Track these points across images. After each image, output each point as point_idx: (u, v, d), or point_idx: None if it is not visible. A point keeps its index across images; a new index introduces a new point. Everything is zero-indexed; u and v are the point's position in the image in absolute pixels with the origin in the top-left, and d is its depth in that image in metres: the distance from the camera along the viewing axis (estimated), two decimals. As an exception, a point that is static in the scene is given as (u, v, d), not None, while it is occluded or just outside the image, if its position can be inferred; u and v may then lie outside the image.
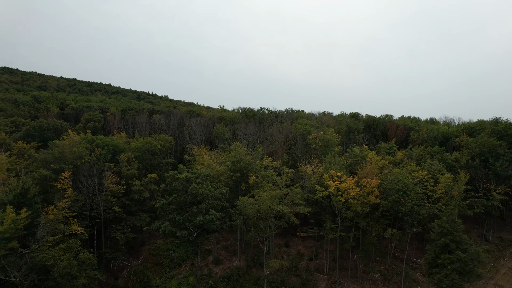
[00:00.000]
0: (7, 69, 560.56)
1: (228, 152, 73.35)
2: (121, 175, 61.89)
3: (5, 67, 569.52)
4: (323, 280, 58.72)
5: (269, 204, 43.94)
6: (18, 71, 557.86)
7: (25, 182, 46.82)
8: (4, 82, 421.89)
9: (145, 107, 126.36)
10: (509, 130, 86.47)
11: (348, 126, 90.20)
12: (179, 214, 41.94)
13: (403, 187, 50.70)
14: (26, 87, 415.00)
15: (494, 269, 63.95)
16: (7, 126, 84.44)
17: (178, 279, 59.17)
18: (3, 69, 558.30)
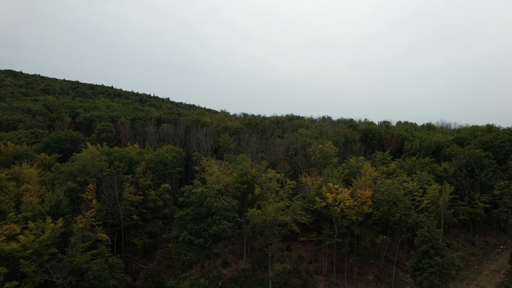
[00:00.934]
0: (11, 71, 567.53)
1: (235, 163, 79.62)
2: (138, 185, 68.03)
3: (8, 70, 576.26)
4: (322, 281, 64.89)
5: (274, 215, 50.19)
6: (21, 74, 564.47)
7: (59, 195, 53.08)
8: (9, 85, 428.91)
9: (152, 116, 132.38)
10: (495, 141, 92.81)
11: (345, 136, 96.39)
12: (196, 224, 48.14)
13: (393, 198, 56.91)
14: (30, 90, 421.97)
15: (478, 271, 70.07)
16: (27, 138, 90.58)
17: (190, 281, 65.14)
18: (6, 72, 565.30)
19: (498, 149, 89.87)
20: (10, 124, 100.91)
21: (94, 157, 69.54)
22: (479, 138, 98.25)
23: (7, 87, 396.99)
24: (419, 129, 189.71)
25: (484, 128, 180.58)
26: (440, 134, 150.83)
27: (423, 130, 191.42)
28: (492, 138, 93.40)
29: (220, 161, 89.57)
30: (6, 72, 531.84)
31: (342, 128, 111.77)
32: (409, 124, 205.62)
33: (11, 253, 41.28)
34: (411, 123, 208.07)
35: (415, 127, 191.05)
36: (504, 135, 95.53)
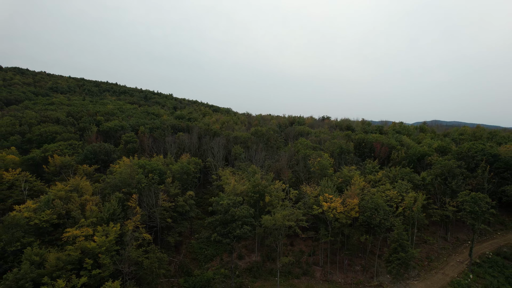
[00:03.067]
0: (18, 69, 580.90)
1: (246, 172, 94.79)
2: (169, 194, 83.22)
3: (15, 68, 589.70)
4: (319, 271, 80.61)
5: (282, 220, 65.41)
6: (28, 72, 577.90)
7: (113, 204, 68.36)
8: (18, 83, 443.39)
9: (168, 124, 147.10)
10: (469, 152, 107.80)
11: (340, 147, 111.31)
12: (223, 228, 63.35)
13: (374, 206, 72.11)
14: (39, 89, 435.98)
15: (446, 262, 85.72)
16: (67, 149, 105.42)
17: (212, 271, 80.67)
18: (14, 69, 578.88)
19: (471, 159, 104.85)
20: (48, 136, 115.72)
21: (132, 170, 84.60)
22: (455, 149, 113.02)
23: (16, 86, 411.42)
24: (412, 132, 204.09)
25: (470, 131, 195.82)
26: (429, 138, 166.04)
27: (416, 132, 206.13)
28: (467, 150, 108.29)
29: (232, 168, 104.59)
30: (13, 70, 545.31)
31: (338, 138, 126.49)
32: (403, 126, 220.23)
33: (92, 250, 56.64)
34: (404, 126, 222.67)
35: (408, 130, 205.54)
36: (478, 146, 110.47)
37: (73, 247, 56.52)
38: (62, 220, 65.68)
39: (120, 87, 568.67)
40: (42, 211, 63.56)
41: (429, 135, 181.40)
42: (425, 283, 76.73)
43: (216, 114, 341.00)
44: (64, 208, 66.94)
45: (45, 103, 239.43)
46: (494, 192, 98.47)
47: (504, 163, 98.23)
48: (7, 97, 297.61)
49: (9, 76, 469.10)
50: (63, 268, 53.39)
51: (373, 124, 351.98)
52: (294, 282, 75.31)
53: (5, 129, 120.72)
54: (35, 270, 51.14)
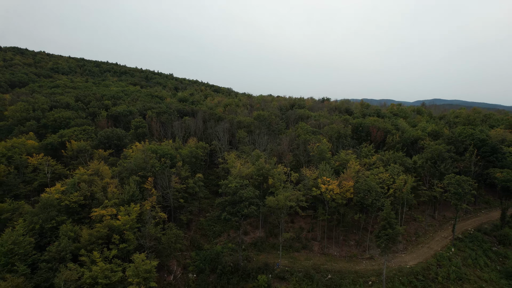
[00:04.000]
0: (17, 49, 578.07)
1: (249, 156, 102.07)
2: (180, 176, 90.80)
3: (14, 47, 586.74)
4: (316, 245, 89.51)
5: (284, 201, 73.27)
6: (27, 51, 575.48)
7: (132, 187, 76.01)
8: (19, 64, 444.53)
9: (174, 108, 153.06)
10: (459, 136, 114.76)
11: (338, 132, 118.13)
12: (232, 208, 71.29)
13: (367, 187, 79.85)
14: (40, 69, 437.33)
15: (432, 237, 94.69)
16: (81, 134, 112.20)
17: (221, 245, 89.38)
18: (13, 49, 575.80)
19: (460, 144, 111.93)
20: (62, 122, 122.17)
21: (146, 155, 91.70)
22: (447, 134, 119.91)
23: (17, 66, 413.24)
24: (409, 114, 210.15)
25: (465, 113, 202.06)
26: (424, 121, 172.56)
27: (412, 115, 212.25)
28: (457, 134, 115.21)
29: (237, 152, 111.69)
30: (13, 50, 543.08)
31: (337, 123, 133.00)
32: (400, 108, 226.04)
33: (118, 227, 64.66)
34: (402, 108, 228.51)
35: (405, 113, 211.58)
36: (468, 130, 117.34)
37: (101, 224, 64.49)
38: (87, 201, 73.41)
39: (121, 67, 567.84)
40: (70, 193, 71.17)
41: (425, 118, 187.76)
42: (412, 256, 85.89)
43: (217, 95, 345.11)
44: (89, 190, 74.54)
45: (50, 86, 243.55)
46: (480, 174, 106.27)
47: (491, 148, 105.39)
48: (10, 79, 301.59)
49: (9, 56, 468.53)
50: (94, 242, 61.57)
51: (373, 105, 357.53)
52: (294, 255, 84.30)
53: (20, 114, 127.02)
54: (72, 244, 59.30)
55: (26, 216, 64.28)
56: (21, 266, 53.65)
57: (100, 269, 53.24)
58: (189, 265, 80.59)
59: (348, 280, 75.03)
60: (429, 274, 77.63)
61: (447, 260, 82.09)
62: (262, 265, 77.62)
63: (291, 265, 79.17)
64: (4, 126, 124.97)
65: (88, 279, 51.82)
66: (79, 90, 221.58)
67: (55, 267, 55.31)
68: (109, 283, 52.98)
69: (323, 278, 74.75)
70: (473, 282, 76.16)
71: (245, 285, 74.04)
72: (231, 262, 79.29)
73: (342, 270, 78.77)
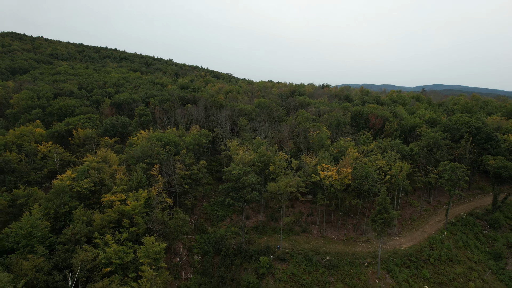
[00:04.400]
0: (15, 34, 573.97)
1: (252, 144, 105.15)
2: (184, 163, 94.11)
3: (12, 32, 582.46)
4: (316, 228, 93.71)
5: (284, 187, 76.83)
6: (26, 37, 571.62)
7: (139, 174, 79.40)
8: (17, 50, 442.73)
9: (176, 96, 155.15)
10: (455, 124, 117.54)
11: (337, 120, 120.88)
12: (235, 193, 74.93)
13: (364, 174, 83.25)
14: (40, 55, 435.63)
15: (426, 221, 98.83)
16: (87, 122, 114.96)
17: (224, 229, 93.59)
18: (11, 34, 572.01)
19: (456, 131, 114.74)
20: (67, 110, 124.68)
21: (151, 143, 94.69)
22: (444, 121, 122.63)
23: (16, 52, 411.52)
24: (408, 101, 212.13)
25: (463, 101, 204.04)
26: (423, 108, 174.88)
27: (411, 102, 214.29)
28: (454, 122, 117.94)
29: (239, 139, 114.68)
30: (10, 35, 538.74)
31: (336, 110, 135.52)
32: (400, 95, 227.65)
33: (127, 212, 68.36)
34: (401, 95, 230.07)
35: (404, 100, 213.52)
36: (465, 118, 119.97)
37: (112, 209, 68.12)
38: (97, 187, 76.93)
39: (120, 53, 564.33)
40: (81, 180, 74.60)
41: (424, 105, 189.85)
42: (406, 239, 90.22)
43: (218, 81, 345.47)
44: (98, 177, 77.96)
45: (51, 73, 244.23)
46: (474, 161, 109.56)
47: (485, 135, 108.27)
48: (11, 65, 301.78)
49: (7, 42, 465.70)
50: (106, 226, 65.35)
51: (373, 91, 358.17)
52: (294, 238, 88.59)
53: (25, 102, 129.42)
54: (86, 227, 63.08)
55: (41, 201, 67.97)
56: (40, 247, 57.54)
57: (113, 251, 57.14)
58: (194, 248, 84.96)
59: (345, 261, 79.38)
60: (422, 256, 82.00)
61: (439, 243, 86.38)
62: (264, 247, 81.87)
63: (291, 247, 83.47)
64: (11, 114, 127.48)
65: (103, 260, 55.76)
66: (80, 77, 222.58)
67: (71, 248, 59.19)
68: (122, 263, 56.98)
69: (321, 260, 79.11)
70: (463, 263, 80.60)
71: (248, 265, 78.48)
72: (234, 245, 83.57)
73: (340, 252, 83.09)
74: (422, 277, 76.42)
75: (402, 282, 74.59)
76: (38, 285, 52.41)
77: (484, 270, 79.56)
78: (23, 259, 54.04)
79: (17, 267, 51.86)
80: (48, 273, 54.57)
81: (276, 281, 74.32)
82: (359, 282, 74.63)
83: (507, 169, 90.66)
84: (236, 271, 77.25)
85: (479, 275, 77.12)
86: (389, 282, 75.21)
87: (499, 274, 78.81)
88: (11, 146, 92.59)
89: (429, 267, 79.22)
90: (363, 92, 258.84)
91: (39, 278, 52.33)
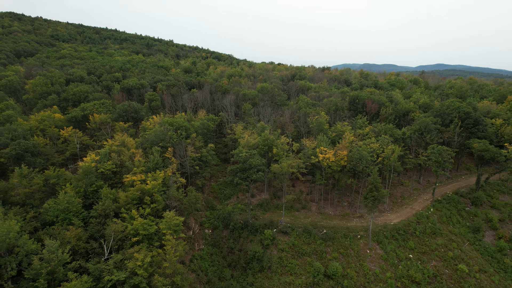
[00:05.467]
0: (14, 14, 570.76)
1: (256, 129, 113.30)
2: (194, 146, 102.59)
3: (10, 12, 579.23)
4: (314, 205, 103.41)
5: (286, 168, 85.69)
6: (24, 17, 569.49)
7: (156, 156, 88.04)
8: (18, 31, 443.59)
9: (182, 81, 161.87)
10: (447, 109, 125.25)
11: (336, 105, 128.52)
12: (242, 174, 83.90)
13: (359, 156, 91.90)
14: (41, 37, 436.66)
15: (415, 199, 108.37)
16: (101, 108, 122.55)
17: (231, 206, 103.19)
18: (9, 14, 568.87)
19: (447, 116, 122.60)
20: (81, 95, 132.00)
21: (164, 128, 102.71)
22: (436, 106, 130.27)
23: (17, 34, 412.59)
24: (405, 85, 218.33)
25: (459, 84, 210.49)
26: (419, 92, 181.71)
27: (409, 85, 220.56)
28: (445, 107, 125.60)
29: (243, 123, 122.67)
30: (9, 15, 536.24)
31: (335, 96, 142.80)
32: (397, 79, 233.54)
33: (148, 190, 77.40)
34: (399, 79, 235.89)
35: (402, 83, 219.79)
36: (454, 103, 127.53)
37: (134, 188, 77.09)
38: (118, 168, 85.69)
39: (121, 34, 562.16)
40: (104, 162, 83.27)
41: (420, 89, 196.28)
42: (396, 215, 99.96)
43: (219, 63, 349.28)
44: (118, 159, 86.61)
45: (57, 57, 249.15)
46: (462, 144, 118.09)
47: (473, 120, 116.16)
48: (14, 48, 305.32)
49: (7, 22, 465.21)
50: (130, 203, 74.49)
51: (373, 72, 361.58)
52: (295, 214, 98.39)
53: (41, 88, 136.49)
54: (112, 204, 72.26)
55: (72, 181, 76.86)
56: (76, 220, 66.90)
57: (139, 223, 66.40)
58: (205, 223, 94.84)
59: (340, 234, 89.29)
60: (409, 230, 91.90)
61: (425, 218, 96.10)
62: (268, 222, 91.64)
63: (292, 222, 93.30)
64: (27, 99, 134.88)
65: (132, 231, 65.16)
66: (87, 61, 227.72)
67: (102, 222, 68.55)
68: (148, 234, 66.41)
69: (319, 233, 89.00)
70: (445, 236, 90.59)
71: (254, 238, 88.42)
72: (241, 220, 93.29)
73: (336, 226, 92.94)
74: (408, 247, 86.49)
75: (390, 252, 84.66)
76: (79, 251, 62.06)
77: (463, 242, 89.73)
78: (65, 230, 63.40)
79: (61, 236, 61.27)
80: (86, 242, 64.16)
81: (279, 251, 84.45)
82: (352, 252, 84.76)
83: (489, 152, 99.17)
84: (244, 242, 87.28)
85: (458, 246, 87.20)
86: (378, 252, 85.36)
87: (476, 245, 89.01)
88: (35, 130, 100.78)
89: (415, 239, 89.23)
90: (363, 75, 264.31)
91: (80, 245, 61.90)
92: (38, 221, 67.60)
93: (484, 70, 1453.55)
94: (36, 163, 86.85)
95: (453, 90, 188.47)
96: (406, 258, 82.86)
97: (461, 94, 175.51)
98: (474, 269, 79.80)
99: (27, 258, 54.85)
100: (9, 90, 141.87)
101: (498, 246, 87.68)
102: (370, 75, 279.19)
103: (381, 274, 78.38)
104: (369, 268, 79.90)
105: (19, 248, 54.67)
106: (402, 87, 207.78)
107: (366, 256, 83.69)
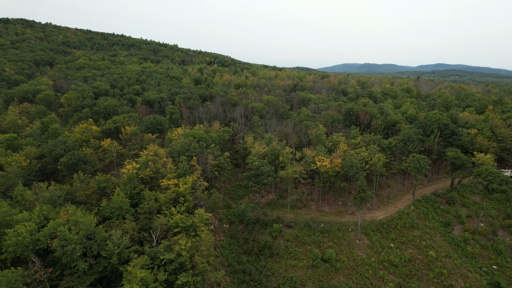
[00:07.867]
0: (25, 21, 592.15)
1: (264, 139, 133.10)
2: (214, 155, 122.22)
3: (22, 19, 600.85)
4: (314, 204, 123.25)
5: (291, 174, 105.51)
6: (35, 24, 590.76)
7: (184, 164, 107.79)
8: (31, 38, 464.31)
9: (196, 94, 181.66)
10: (428, 121, 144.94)
11: (332, 117, 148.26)
12: (256, 178, 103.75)
13: (350, 164, 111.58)
14: (53, 44, 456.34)
15: (399, 199, 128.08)
16: (130, 120, 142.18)
17: (244, 205, 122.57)
18: (21, 21, 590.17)
19: (428, 127, 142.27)
20: (110, 109, 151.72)
21: (189, 140, 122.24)
22: (420, 118, 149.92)
23: (30, 41, 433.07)
24: (398, 94, 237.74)
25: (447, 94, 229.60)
26: (409, 102, 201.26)
27: (401, 94, 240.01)
28: (427, 119, 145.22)
29: (252, 133, 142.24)
30: (21, 22, 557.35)
31: (332, 108, 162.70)
32: (391, 88, 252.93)
33: (181, 192, 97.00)
34: (392, 88, 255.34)
35: (395, 92, 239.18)
36: (436, 115, 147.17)
37: (170, 191, 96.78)
38: (154, 174, 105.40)
39: (127, 39, 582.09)
40: (143, 169, 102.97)
41: (410, 100, 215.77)
42: (382, 212, 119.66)
43: (224, 70, 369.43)
44: (154, 167, 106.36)
45: (75, 67, 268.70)
46: (441, 152, 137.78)
47: (451, 131, 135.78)
48: (33, 57, 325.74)
49: (20, 30, 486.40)
50: (167, 202, 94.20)
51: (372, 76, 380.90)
52: (298, 211, 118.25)
53: (74, 102, 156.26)
54: (155, 203, 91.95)
55: (120, 184, 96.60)
56: (129, 216, 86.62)
57: (179, 218, 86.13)
58: (223, 218, 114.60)
59: (335, 227, 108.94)
60: (391, 224, 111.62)
61: (406, 215, 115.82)
62: (275, 217, 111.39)
63: (296, 218, 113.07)
64: (63, 112, 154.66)
65: (173, 223, 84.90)
66: (103, 71, 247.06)
67: (149, 217, 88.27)
68: (185, 226, 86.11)
69: (317, 226, 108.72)
70: (421, 229, 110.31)
71: (264, 231, 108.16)
72: (253, 216, 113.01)
73: (331, 221, 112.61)
74: (389, 238, 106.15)
75: (375, 242, 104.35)
76: (134, 239, 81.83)
77: (435, 234, 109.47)
78: (122, 223, 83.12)
79: (121, 227, 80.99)
80: (138, 232, 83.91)
81: (285, 241, 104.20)
82: (344, 242, 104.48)
83: (460, 159, 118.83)
84: (256, 234, 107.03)
85: (431, 237, 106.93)
86: (365, 242, 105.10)
87: (446, 236, 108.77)
88: (80, 142, 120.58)
89: (396, 232, 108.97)
90: (359, 83, 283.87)
91: (135, 235, 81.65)
92: (99, 216, 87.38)
93: (485, 70, 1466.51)
94: (87, 170, 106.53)
95: (440, 100, 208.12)
96: (388, 247, 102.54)
97: (446, 104, 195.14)
98: (441, 255, 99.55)
99: (102, 242, 74.65)
100: (45, 103, 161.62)
101: (463, 237, 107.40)
102: (366, 82, 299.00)
103: (367, 259, 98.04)
104: (357, 254, 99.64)
105: (97, 234, 74.47)
106: (394, 96, 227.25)
107: (355, 245, 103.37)
